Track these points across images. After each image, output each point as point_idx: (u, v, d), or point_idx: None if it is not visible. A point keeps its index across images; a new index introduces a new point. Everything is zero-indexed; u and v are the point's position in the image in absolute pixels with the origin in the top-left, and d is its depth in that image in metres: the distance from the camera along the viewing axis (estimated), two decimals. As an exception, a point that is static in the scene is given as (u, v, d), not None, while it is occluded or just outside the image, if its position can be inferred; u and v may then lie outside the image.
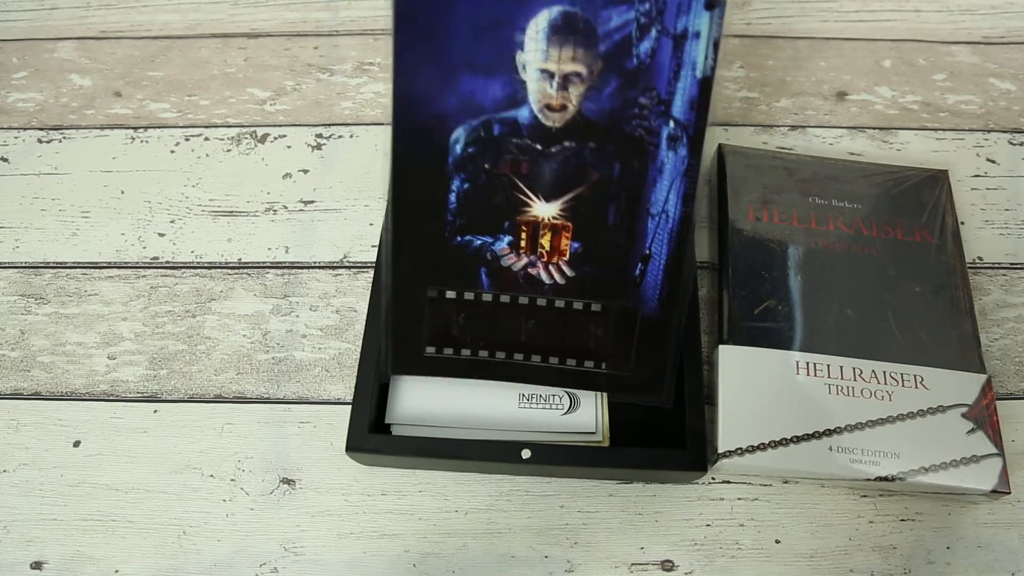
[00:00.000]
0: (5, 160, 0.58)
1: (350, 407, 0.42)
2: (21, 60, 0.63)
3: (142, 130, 0.59)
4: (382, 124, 0.59)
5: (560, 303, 0.39)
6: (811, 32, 0.65)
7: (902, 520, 0.44)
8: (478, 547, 0.43)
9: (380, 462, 0.44)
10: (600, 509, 0.44)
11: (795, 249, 0.48)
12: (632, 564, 0.43)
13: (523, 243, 0.39)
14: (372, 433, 0.42)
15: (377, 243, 0.48)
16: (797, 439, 0.42)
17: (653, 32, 0.35)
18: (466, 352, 0.39)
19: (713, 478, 0.45)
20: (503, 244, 0.39)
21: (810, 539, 0.43)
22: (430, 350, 0.39)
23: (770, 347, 0.45)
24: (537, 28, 0.36)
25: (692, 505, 0.44)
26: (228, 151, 0.58)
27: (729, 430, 0.42)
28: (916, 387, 0.44)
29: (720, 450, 0.42)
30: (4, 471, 0.45)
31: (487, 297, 0.39)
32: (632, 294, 0.39)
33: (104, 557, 0.43)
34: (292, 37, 0.65)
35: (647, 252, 0.39)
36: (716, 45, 0.35)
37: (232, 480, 0.45)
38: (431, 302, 0.39)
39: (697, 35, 0.35)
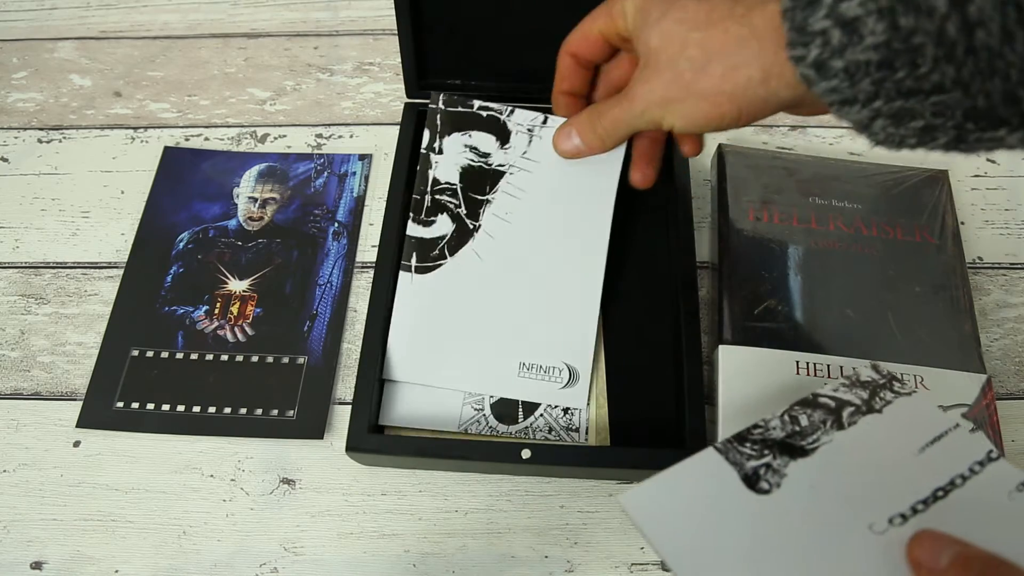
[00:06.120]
0: (5, 160, 0.58)
1: (350, 407, 0.42)
2: (21, 60, 0.63)
3: (142, 130, 0.59)
4: (382, 124, 0.59)
5: (240, 357, 0.48)
6: (811, 32, 0.65)
7: (902, 520, 0.44)
8: (478, 547, 0.43)
9: (380, 462, 0.44)
10: (600, 509, 0.44)
11: (795, 249, 0.49)
12: (632, 564, 0.43)
13: (216, 311, 0.49)
14: (372, 433, 0.42)
15: (377, 243, 0.48)
16: (797, 439, 0.42)
17: (325, 174, 0.56)
18: (150, 406, 0.46)
19: (713, 478, 0.45)
20: (200, 312, 0.49)
21: (810, 539, 0.43)
22: (119, 404, 0.46)
23: (770, 347, 0.45)
24: (250, 175, 0.56)
25: (692, 505, 0.44)
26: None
27: (729, 430, 0.42)
28: (916, 387, 0.44)
29: (720, 450, 0.42)
30: (4, 471, 0.45)
31: (179, 355, 0.48)
32: (301, 346, 0.48)
33: (104, 557, 0.43)
34: (292, 37, 0.65)
35: (314, 312, 0.50)
36: (366, 179, 0.56)
37: (232, 480, 0.45)
38: (132, 360, 0.48)
39: (354, 174, 0.56)
